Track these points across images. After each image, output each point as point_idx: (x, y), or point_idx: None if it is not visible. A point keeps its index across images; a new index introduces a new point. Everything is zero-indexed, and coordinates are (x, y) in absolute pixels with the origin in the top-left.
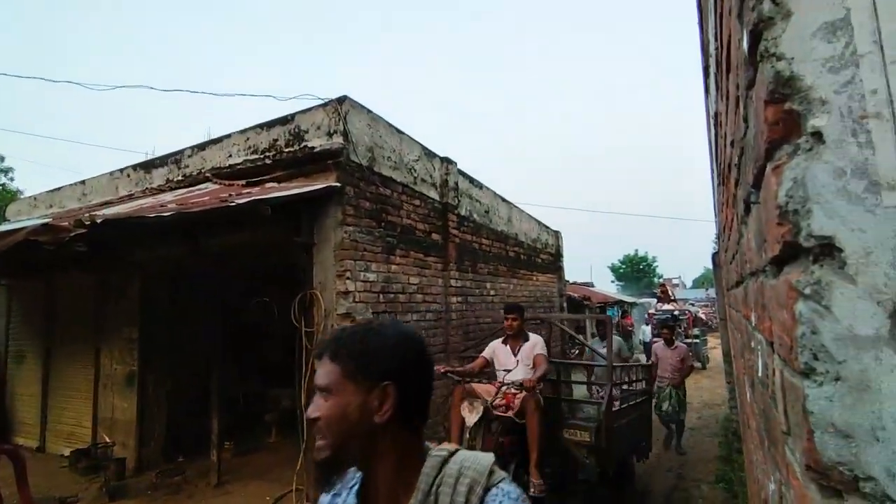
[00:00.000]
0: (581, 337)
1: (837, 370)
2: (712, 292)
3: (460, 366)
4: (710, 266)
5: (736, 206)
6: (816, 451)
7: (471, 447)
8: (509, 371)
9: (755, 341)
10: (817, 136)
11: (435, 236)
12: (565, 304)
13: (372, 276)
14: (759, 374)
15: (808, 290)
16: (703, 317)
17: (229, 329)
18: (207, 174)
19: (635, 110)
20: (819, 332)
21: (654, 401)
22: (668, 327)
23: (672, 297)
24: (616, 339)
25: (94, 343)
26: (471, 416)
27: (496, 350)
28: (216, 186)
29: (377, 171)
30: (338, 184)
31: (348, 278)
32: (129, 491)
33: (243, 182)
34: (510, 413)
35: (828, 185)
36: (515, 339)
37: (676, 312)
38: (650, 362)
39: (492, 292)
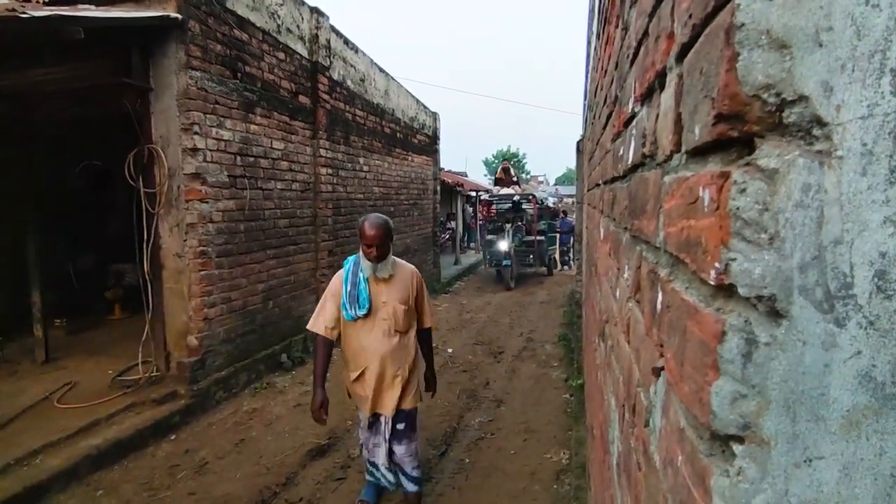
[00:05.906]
0: (453, 223)
1: None
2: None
3: None
4: (574, 167)
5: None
6: (737, 82)
7: None
8: None
9: (629, 135)
10: None
11: (303, 99)
12: (439, 188)
13: (227, 135)
14: (629, 162)
15: None
16: (551, 206)
17: (53, 196)
18: None
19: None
20: None
21: None
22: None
23: (515, 180)
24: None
25: None
26: None
27: None
28: (4, 0)
29: (230, 7)
30: (177, 15)
31: (196, 133)
32: None
33: None
34: None
35: None
36: None
37: (517, 198)
38: None
39: (365, 168)
